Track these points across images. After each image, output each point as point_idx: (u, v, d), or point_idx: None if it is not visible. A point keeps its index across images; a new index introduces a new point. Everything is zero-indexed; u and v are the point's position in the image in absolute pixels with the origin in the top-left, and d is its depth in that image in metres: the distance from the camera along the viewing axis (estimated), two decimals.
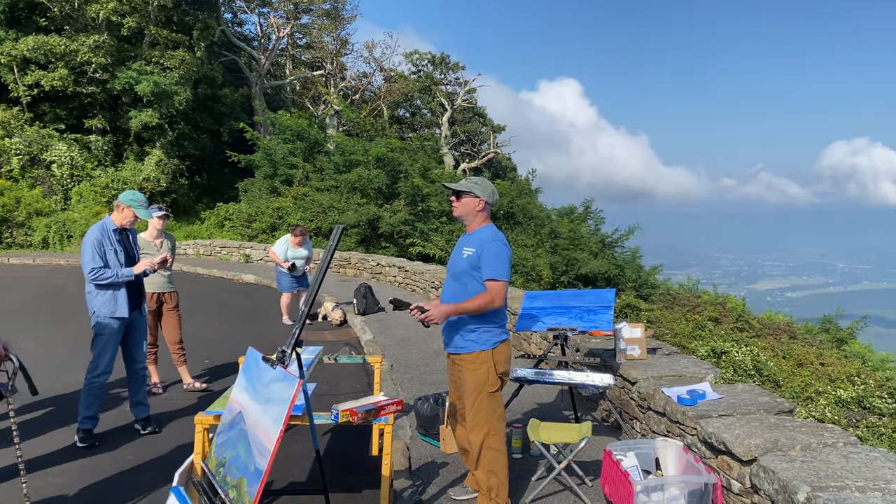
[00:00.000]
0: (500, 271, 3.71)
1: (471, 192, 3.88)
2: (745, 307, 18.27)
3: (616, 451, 4.03)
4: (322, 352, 5.19)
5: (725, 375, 11.46)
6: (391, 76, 35.25)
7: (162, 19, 24.59)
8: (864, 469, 3.18)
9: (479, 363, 3.80)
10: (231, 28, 30.50)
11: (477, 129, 38.03)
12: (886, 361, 17.20)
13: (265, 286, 14.12)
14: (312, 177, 21.68)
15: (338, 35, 31.93)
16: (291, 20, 30.67)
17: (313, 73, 32.29)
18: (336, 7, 31.71)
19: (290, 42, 32.44)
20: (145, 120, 21.98)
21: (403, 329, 9.59)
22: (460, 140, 37.31)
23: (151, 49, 23.84)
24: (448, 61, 38.27)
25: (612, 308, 5.46)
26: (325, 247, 3.03)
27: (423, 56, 38.16)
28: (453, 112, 36.11)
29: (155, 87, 21.34)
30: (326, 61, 31.57)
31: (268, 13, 30.85)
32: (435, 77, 38.07)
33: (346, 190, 19.60)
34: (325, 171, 21.47)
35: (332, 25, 31.39)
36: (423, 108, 38.76)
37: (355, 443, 5.24)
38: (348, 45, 33.08)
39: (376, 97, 34.03)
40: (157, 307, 6.49)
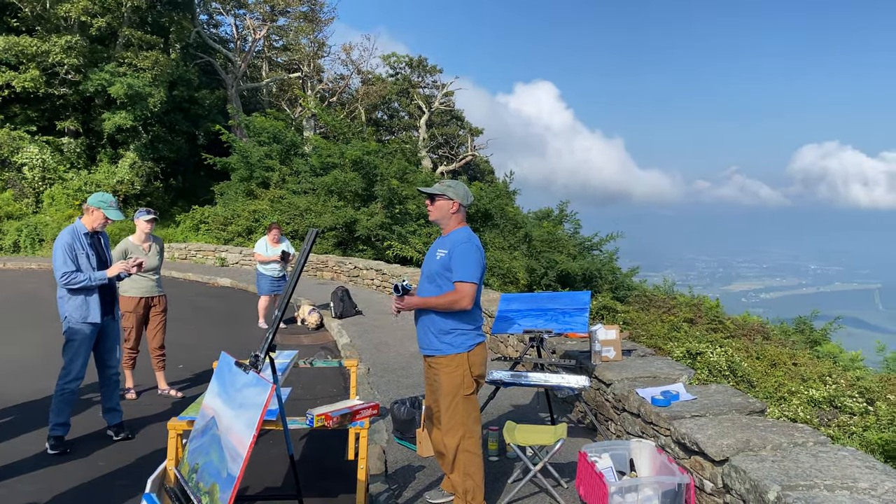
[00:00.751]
0: (469, 273, 3.73)
1: (444, 195, 3.89)
2: (719, 308, 18.47)
3: (591, 453, 4.05)
4: (297, 356, 5.18)
5: (700, 376, 11.56)
6: (368, 79, 35.19)
7: (136, 20, 24.32)
8: (833, 468, 3.24)
9: (455, 366, 3.81)
10: (207, 30, 30.26)
11: (455, 132, 38.09)
12: (857, 361, 17.49)
13: (241, 290, 14.02)
14: (289, 179, 21.56)
15: (315, 37, 31.83)
16: (268, 22, 30.52)
17: (290, 76, 32.13)
18: (313, 9, 31.63)
19: (267, 44, 32.26)
20: (119, 122, 21.70)
21: (381, 332, 9.57)
22: (438, 143, 37.35)
23: (125, 50, 23.56)
24: (426, 64, 38.31)
25: (588, 310, 5.49)
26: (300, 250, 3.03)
27: (400, 59, 38.17)
28: (431, 115, 36.14)
29: (128, 89, 21.08)
30: (303, 63, 31.44)
31: (244, 15, 30.65)
32: (412, 80, 38.09)
33: (323, 193, 19.53)
34: (302, 173, 21.37)
35: (309, 28, 31.28)
36: (401, 110, 38.74)
37: (332, 447, 5.21)
38: (325, 48, 33.01)
39: (354, 100, 33.95)
40: (145, 311, 6.41)
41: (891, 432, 8.78)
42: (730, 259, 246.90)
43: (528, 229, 20.09)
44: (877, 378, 12.84)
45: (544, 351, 5.50)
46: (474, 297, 3.78)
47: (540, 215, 23.80)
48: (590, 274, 18.43)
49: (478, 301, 3.90)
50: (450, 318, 3.81)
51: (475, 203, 19.33)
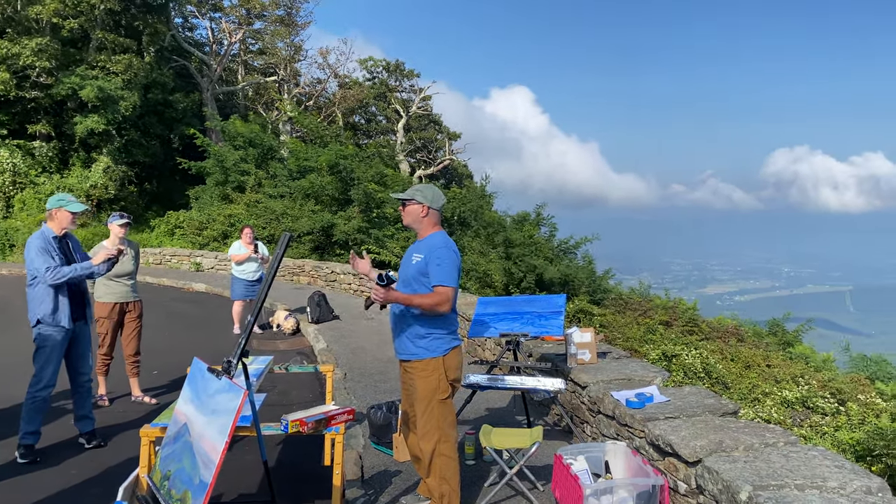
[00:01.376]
0: (448, 277, 3.73)
1: (413, 199, 3.90)
2: (695, 311, 18.65)
3: (566, 456, 4.07)
4: (273, 361, 5.14)
5: (676, 378, 11.69)
6: (346, 83, 35.11)
7: (109, 23, 24.05)
8: (803, 467, 3.28)
9: (430, 370, 3.81)
10: (182, 33, 29.99)
11: (432, 136, 38.10)
12: (829, 362, 17.76)
13: (216, 295, 13.90)
14: (265, 183, 21.44)
15: (291, 41, 31.69)
16: (244, 26, 30.34)
17: (266, 79, 31.96)
18: (290, 13, 31.49)
19: (243, 48, 32.07)
20: (91, 126, 21.42)
21: (358, 337, 9.54)
22: (416, 147, 37.33)
23: (98, 53, 23.28)
24: (403, 68, 38.29)
25: (563, 313, 5.53)
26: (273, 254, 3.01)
27: (377, 63, 38.11)
28: (409, 119, 36.13)
29: (100, 92, 20.82)
30: (280, 67, 31.27)
31: (219, 18, 30.45)
32: (390, 84, 38.04)
33: (300, 197, 19.44)
34: (278, 177, 21.26)
35: (286, 31, 31.15)
36: (379, 114, 38.68)
37: (308, 453, 5.18)
38: (302, 52, 32.88)
39: (331, 103, 33.84)
40: (120, 317, 6.33)
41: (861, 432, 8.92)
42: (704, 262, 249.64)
43: (506, 233, 20.13)
44: (847, 379, 13.06)
45: (521, 354, 5.53)
46: (453, 301, 3.79)
47: (517, 219, 23.85)
48: (567, 277, 18.50)
49: (454, 305, 3.90)
50: (426, 323, 3.81)
51: (452, 207, 19.34)
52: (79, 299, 5.12)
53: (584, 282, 19.14)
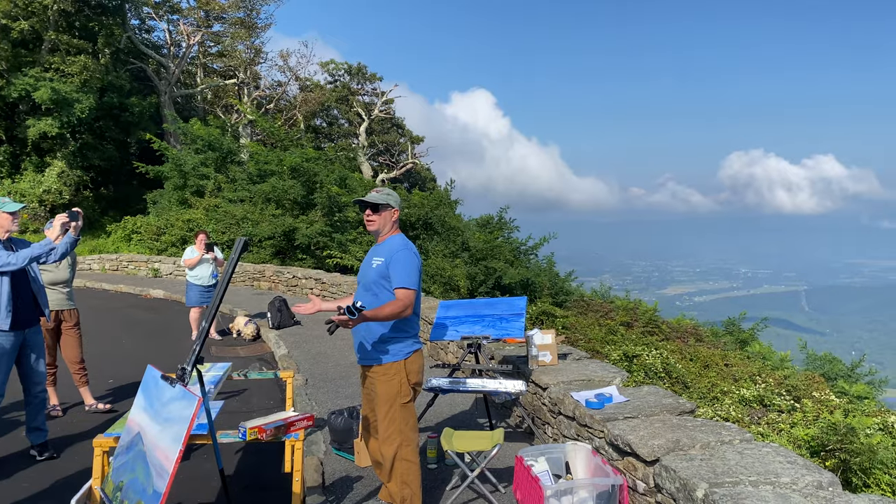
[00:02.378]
0: (410, 280, 3.72)
1: (388, 205, 3.89)
2: (655, 312, 18.92)
3: (527, 457, 4.09)
4: (232, 368, 5.07)
5: (637, 378, 11.84)
6: (307, 86, 34.85)
7: (62, 24, 23.49)
8: (757, 464, 3.35)
9: (392, 374, 3.79)
10: (138, 35, 29.42)
11: (395, 139, 38.03)
12: (785, 361, 18.17)
13: (175, 301, 13.66)
14: (225, 187, 21.14)
15: (251, 44, 31.34)
16: (202, 28, 29.92)
17: (226, 82, 31.56)
18: (249, 15, 31.14)
19: (202, 50, 31.62)
20: (44, 129, 20.89)
21: (319, 343, 9.46)
22: (379, 150, 37.22)
23: (51, 55, 22.72)
24: (365, 71, 38.16)
25: (524, 315, 5.55)
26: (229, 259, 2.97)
27: (339, 66, 37.92)
28: (371, 122, 36.01)
29: (54, 95, 20.32)
30: (239, 70, 30.91)
31: (177, 20, 29.97)
32: (352, 87, 37.87)
33: (261, 201, 19.21)
34: (238, 181, 20.98)
35: (246, 34, 30.79)
36: (341, 118, 38.46)
37: (268, 460, 5.12)
38: (262, 54, 32.54)
39: (292, 106, 33.55)
40: (56, 325, 6.17)
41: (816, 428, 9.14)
42: (665, 264, 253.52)
43: (467, 236, 20.18)
44: (802, 376, 13.37)
45: (482, 357, 5.54)
46: (414, 304, 3.78)
47: (481, 222, 23.94)
48: (529, 280, 18.61)
49: (416, 308, 3.89)
50: (387, 327, 3.80)
51: (417, 212, 19.33)
52: (29, 303, 4.95)
53: (546, 284, 19.28)
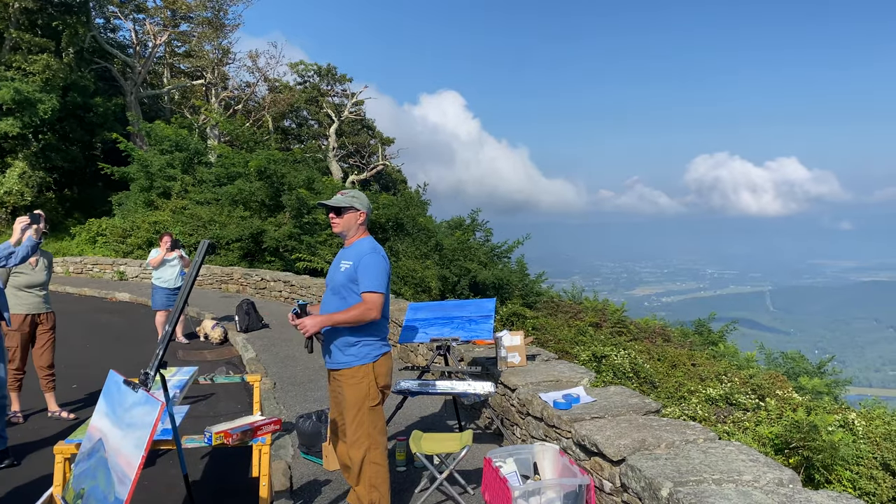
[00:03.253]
0: (377, 283, 3.71)
1: (352, 207, 3.87)
2: (623, 312, 19.12)
3: (496, 458, 4.10)
4: (198, 372, 5.01)
5: (605, 378, 11.95)
6: (276, 86, 34.58)
7: (25, 22, 23.00)
8: (721, 463, 3.40)
9: (360, 377, 3.77)
10: (103, 34, 28.94)
11: (365, 141, 37.90)
12: (751, 360, 18.49)
13: (141, 304, 13.46)
14: (191, 189, 20.88)
15: (219, 44, 30.99)
16: (169, 27, 29.52)
17: (193, 83, 31.17)
18: (217, 15, 30.79)
19: (168, 50, 31.20)
20: (5, 129, 20.42)
21: (288, 346, 9.39)
22: (349, 152, 37.06)
23: (13, 53, 22.24)
24: (335, 73, 37.99)
25: (493, 317, 5.57)
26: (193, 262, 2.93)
27: (308, 67, 37.70)
28: (341, 124, 35.84)
29: (16, 94, 19.88)
30: (207, 70, 30.56)
31: (143, 20, 29.54)
32: (322, 88, 37.67)
33: (228, 203, 19.01)
34: (206, 183, 20.74)
35: (213, 34, 30.44)
36: (310, 119, 38.25)
37: (235, 465, 5.07)
38: (231, 55, 32.20)
39: (260, 107, 33.27)
40: (31, 329, 6.02)
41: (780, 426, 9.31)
42: (633, 265, 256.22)
43: (439, 238, 20.20)
44: (767, 376, 13.61)
45: (451, 359, 5.54)
46: (382, 307, 3.77)
47: (452, 224, 23.98)
48: (501, 281, 18.70)
49: (385, 311, 3.88)
50: (354, 330, 3.77)
51: (388, 213, 19.30)
52: None
53: (517, 285, 19.39)
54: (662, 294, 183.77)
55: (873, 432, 9.62)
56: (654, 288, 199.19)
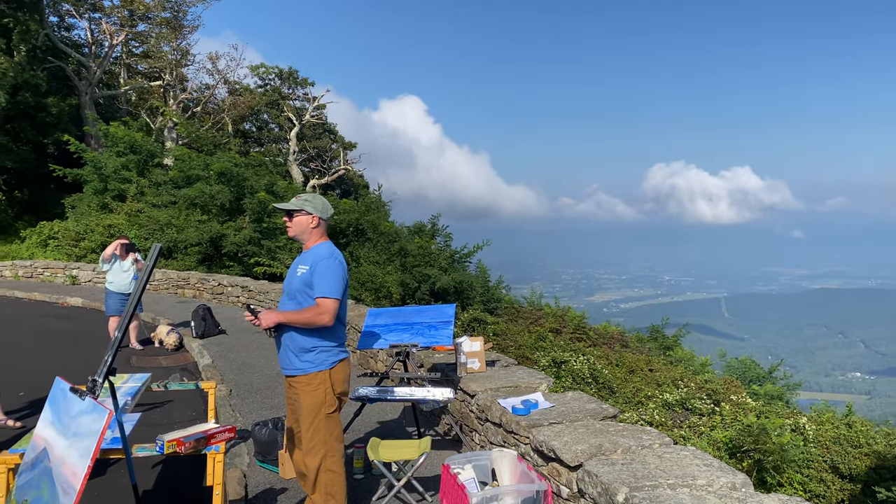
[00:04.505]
0: (331, 289, 3.67)
1: (302, 210, 3.82)
2: (583, 318, 19.31)
3: (454, 465, 4.09)
4: (151, 379, 4.91)
5: (565, 384, 12.05)
6: (236, 89, 34.15)
7: None
8: (676, 468, 3.44)
9: (316, 384, 3.73)
10: (57, 33, 28.22)
11: (327, 145, 37.66)
12: (706, 365, 18.83)
13: (94, 309, 13.13)
14: (148, 192, 20.48)
15: (178, 45, 30.49)
16: (126, 27, 28.93)
17: (151, 84, 30.60)
18: (176, 16, 30.28)
19: (125, 50, 30.57)
20: None
21: (245, 352, 9.25)
22: (310, 156, 36.78)
23: None
24: (296, 76, 37.70)
25: (452, 323, 5.57)
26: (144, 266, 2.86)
27: (269, 70, 37.35)
28: (302, 127, 35.55)
29: None
30: (165, 72, 30.03)
31: (99, 19, 28.90)
32: (283, 91, 37.34)
33: (186, 206, 18.68)
34: (163, 185, 20.36)
35: (172, 35, 29.92)
36: (271, 122, 37.87)
37: (190, 474, 4.96)
38: (190, 56, 31.69)
39: (220, 110, 32.81)
40: None
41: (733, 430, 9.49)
42: (592, 271, 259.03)
43: (401, 243, 20.14)
44: (722, 381, 13.87)
45: (411, 365, 5.51)
46: (336, 313, 3.73)
47: (414, 229, 23.95)
48: (462, 287, 18.73)
49: (341, 317, 3.85)
50: (311, 336, 3.73)
51: (348, 218, 19.18)
52: None
53: (478, 291, 19.43)
54: (621, 300, 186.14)
55: (823, 436, 9.87)
56: (614, 294, 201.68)
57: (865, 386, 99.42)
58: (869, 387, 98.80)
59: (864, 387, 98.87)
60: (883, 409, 67.91)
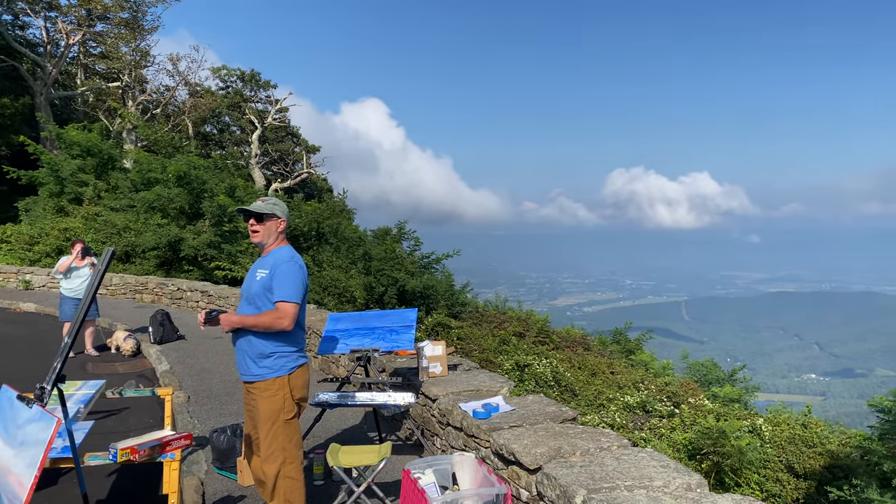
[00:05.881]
0: (292, 293, 3.64)
1: (274, 215, 3.80)
2: (546, 322, 19.43)
3: (414, 470, 4.07)
4: (106, 385, 4.81)
5: (528, 387, 12.12)
6: (197, 91, 33.68)
7: None
8: (633, 469, 3.48)
9: (275, 390, 3.69)
10: (11, 31, 27.50)
11: (290, 148, 37.36)
12: (667, 368, 19.10)
13: (48, 315, 12.80)
14: (105, 195, 20.07)
15: (137, 46, 29.94)
16: (83, 27, 28.33)
17: (109, 85, 30.01)
18: (135, 17, 29.73)
19: (83, 50, 29.95)
20: None
21: (204, 358, 9.11)
22: (272, 159, 36.43)
23: None
24: (259, 79, 37.34)
25: (414, 327, 5.55)
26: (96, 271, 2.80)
27: (231, 72, 36.94)
28: (264, 130, 35.20)
29: None
30: (124, 73, 29.48)
31: (56, 18, 28.25)
32: (245, 94, 36.95)
33: (144, 209, 18.34)
34: (121, 189, 19.97)
35: (131, 35, 29.38)
36: (233, 125, 37.43)
37: (147, 482, 4.86)
38: (149, 57, 31.15)
39: (180, 112, 32.32)
40: None
41: (692, 432, 9.65)
42: (556, 276, 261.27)
43: (366, 247, 20.05)
44: (681, 383, 14.08)
45: (372, 369, 5.49)
46: (296, 318, 3.70)
47: (378, 234, 23.87)
48: (429, 292, 18.72)
49: (301, 322, 3.81)
50: (270, 341, 3.69)
51: (310, 222, 19.04)
52: None
53: (443, 295, 19.44)
54: (584, 304, 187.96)
55: (779, 436, 10.10)
56: (577, 298, 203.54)
57: (820, 387, 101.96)
58: (823, 388, 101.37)
59: (818, 388, 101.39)
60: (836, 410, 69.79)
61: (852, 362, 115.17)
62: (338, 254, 19.71)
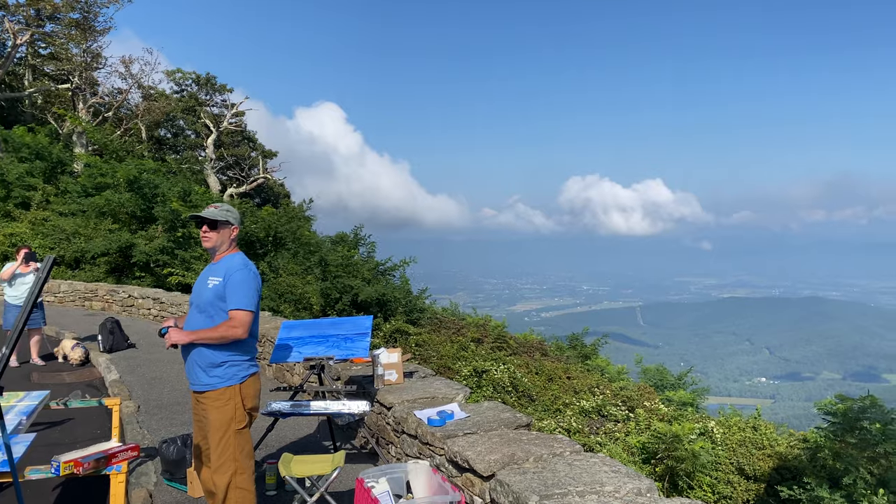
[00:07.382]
0: (246, 301, 3.59)
1: (227, 222, 3.74)
2: (504, 328, 19.52)
3: (368, 479, 4.04)
4: (51, 396, 4.67)
5: (486, 393, 12.15)
6: (150, 94, 33.05)
7: None
8: (585, 475, 3.51)
9: (225, 400, 3.63)
10: None
11: (246, 153, 36.88)
12: (622, 373, 19.37)
13: None
14: (54, 200, 19.54)
15: (88, 47, 29.25)
16: (32, 27, 27.57)
17: (58, 87, 29.25)
18: (86, 17, 29.04)
19: (31, 51, 29.14)
20: None
21: (156, 367, 8.91)
22: (228, 164, 35.92)
23: None
24: (214, 82, 36.83)
25: (369, 334, 5.52)
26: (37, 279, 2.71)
27: (186, 75, 36.35)
28: (220, 134, 34.70)
29: None
30: (74, 74, 28.76)
31: (2, 17, 27.44)
32: (200, 98, 36.38)
33: (94, 215, 17.91)
34: (70, 193, 19.47)
35: (82, 36, 28.68)
36: (187, 129, 36.82)
37: (94, 495, 4.72)
38: (101, 59, 30.44)
39: (133, 115, 31.66)
40: None
41: (647, 436, 9.80)
42: (514, 281, 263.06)
43: (322, 253, 19.88)
44: (636, 388, 14.29)
45: (326, 378, 5.44)
46: (250, 326, 3.65)
47: (335, 239, 23.69)
48: (385, 299, 18.64)
49: (254, 331, 3.76)
50: (220, 350, 3.63)
51: (267, 227, 18.81)
52: None
53: (400, 301, 19.38)
54: (542, 309, 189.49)
55: (730, 439, 10.32)
56: (534, 303, 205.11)
57: (770, 390, 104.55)
58: (773, 391, 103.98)
59: (768, 391, 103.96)
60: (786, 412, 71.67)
61: (800, 366, 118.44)
62: (295, 260, 19.51)
